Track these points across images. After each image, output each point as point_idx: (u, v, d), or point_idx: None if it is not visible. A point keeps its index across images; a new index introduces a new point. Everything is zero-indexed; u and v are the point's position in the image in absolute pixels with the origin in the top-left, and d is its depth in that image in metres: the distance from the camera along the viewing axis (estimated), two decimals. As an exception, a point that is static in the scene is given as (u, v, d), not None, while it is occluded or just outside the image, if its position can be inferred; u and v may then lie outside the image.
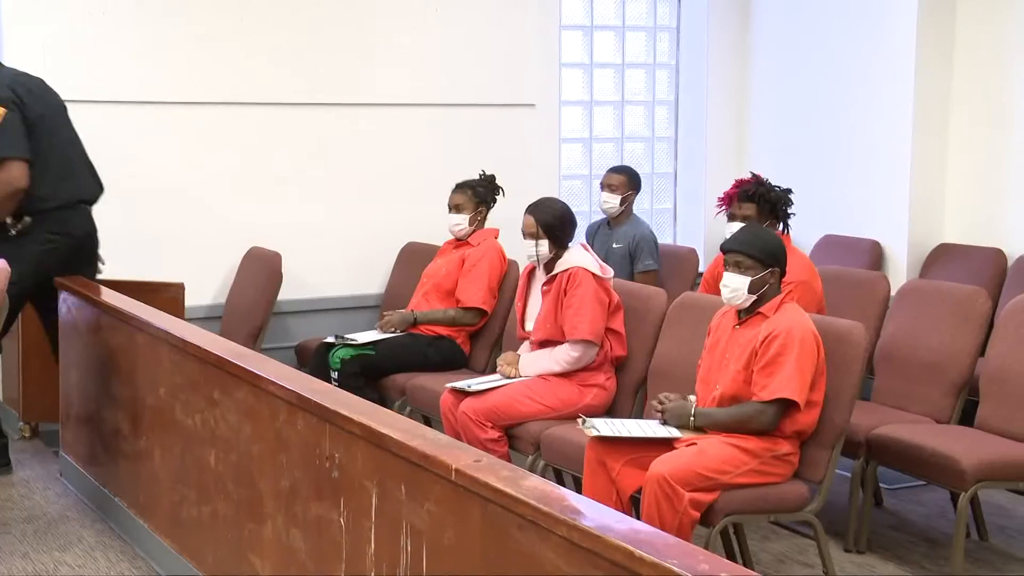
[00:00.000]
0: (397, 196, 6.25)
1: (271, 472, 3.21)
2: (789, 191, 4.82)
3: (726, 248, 3.92)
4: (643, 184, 6.13)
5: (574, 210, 4.83)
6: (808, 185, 6.38)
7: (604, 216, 6.03)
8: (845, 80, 6.56)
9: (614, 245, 5.86)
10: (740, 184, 4.88)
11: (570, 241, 4.72)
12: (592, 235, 6.04)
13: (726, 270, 3.88)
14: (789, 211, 4.81)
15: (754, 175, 4.89)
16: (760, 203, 4.75)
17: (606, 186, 5.89)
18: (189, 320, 4.41)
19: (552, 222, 4.65)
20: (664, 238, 7.18)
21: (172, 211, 5.80)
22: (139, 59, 5.66)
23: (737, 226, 4.62)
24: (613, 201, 5.85)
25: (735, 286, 3.84)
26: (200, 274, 5.87)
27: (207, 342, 3.70)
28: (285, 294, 5.80)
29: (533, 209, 4.72)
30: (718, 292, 3.98)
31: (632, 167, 6.11)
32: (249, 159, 5.93)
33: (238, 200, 5.93)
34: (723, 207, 4.96)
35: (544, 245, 4.66)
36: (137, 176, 5.71)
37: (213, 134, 5.85)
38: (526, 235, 4.70)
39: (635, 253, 5.80)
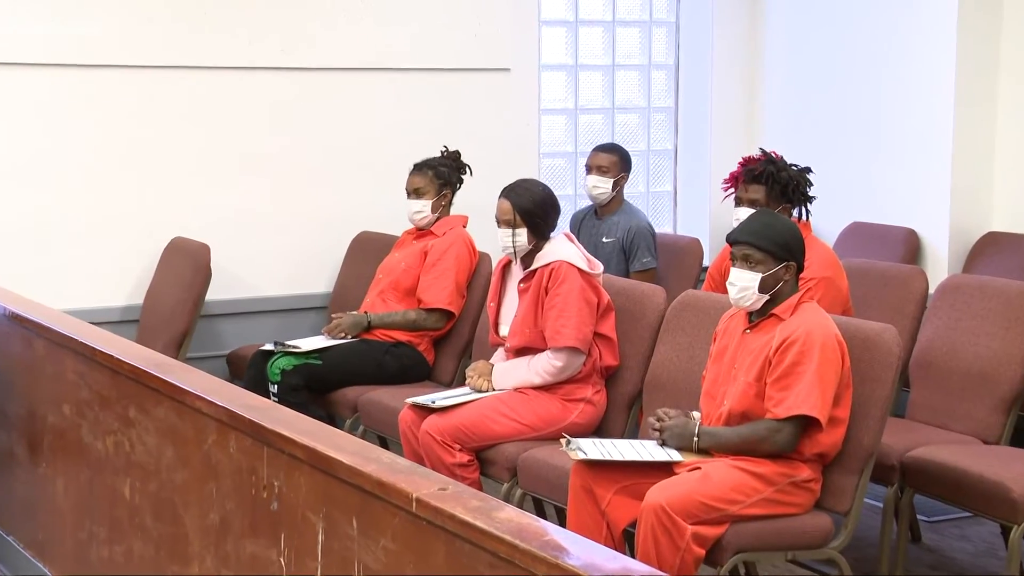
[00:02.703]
0: (348, 177, 6.24)
1: (198, 504, 3.20)
2: (807, 170, 4.85)
3: (732, 239, 3.93)
4: (638, 163, 6.15)
5: (557, 194, 4.84)
6: (831, 164, 6.41)
7: (590, 204, 6.04)
8: (875, 40, 6.59)
9: (604, 239, 5.87)
10: (747, 163, 4.90)
11: (552, 230, 4.73)
12: (576, 226, 6.05)
13: (733, 265, 3.90)
14: (809, 193, 4.83)
15: (764, 152, 4.91)
16: (770, 185, 4.77)
17: (594, 168, 5.89)
18: (99, 324, 4.39)
19: (531, 208, 4.66)
20: (662, 227, 7.20)
21: (78, 195, 5.76)
22: (40, 14, 5.62)
23: (745, 212, 4.64)
24: (604, 186, 5.86)
25: (743, 284, 3.86)
26: (112, 270, 5.84)
27: (121, 350, 3.69)
28: (215, 293, 5.78)
29: (509, 192, 4.73)
30: (725, 290, 4.00)
31: (622, 145, 6.12)
32: (173, 133, 5.91)
33: (158, 181, 5.90)
34: (729, 190, 4.99)
35: (522, 235, 4.66)
36: (36, 152, 5.68)
37: (129, 103, 5.82)
38: (500, 223, 4.71)
39: (630, 249, 5.81)
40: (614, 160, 5.89)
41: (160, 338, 5.50)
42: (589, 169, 5.93)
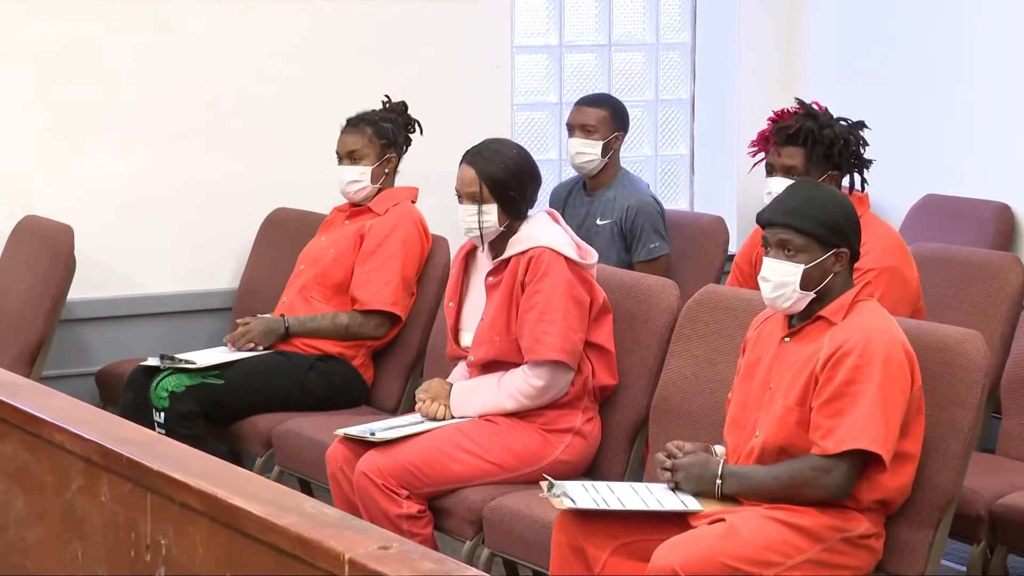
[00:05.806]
0: (259, 137, 6.23)
1: (58, 569, 3.20)
2: (860, 125, 4.86)
3: (764, 220, 3.95)
4: (644, 117, 6.17)
5: (537, 159, 4.85)
6: (897, 119, 6.44)
7: (576, 175, 6.05)
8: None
9: (598, 221, 5.88)
10: (779, 118, 4.91)
11: (530, 207, 4.74)
12: (560, 204, 6.05)
13: (766, 254, 3.92)
14: (863, 156, 4.84)
15: (801, 103, 4.92)
16: (810, 146, 4.78)
17: (577, 128, 5.90)
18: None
19: (502, 177, 4.67)
20: (675, 202, 7.22)
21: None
22: None
23: (780, 184, 4.65)
24: (591, 151, 5.86)
25: (781, 279, 3.87)
26: (-55, 260, 5.83)
27: (-44, 366, 3.67)
28: (80, 291, 5.78)
29: (473, 157, 4.73)
30: (756, 285, 4.01)
31: (615, 96, 6.12)
32: (20, 78, 5.89)
33: (1, 144, 5.88)
34: (758, 154, 5.00)
35: (490, 213, 4.67)
36: None
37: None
38: (462, 197, 4.72)
39: (631, 233, 5.82)
40: (603, 116, 5.89)
41: (6, 351, 5.50)
42: (571, 129, 5.94)
